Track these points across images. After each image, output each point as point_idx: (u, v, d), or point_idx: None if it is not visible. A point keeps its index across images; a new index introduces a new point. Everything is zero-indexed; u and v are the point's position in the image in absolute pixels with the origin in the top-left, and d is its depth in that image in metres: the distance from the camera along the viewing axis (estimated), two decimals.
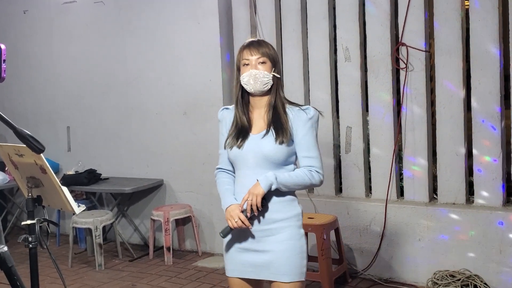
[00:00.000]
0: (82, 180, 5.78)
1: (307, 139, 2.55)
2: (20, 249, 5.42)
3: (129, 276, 5.12)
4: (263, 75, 2.54)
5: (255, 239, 2.56)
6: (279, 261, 2.52)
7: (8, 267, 2.27)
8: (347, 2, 4.81)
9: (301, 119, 2.55)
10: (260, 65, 2.55)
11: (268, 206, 2.54)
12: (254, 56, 2.56)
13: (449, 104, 4.46)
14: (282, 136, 2.51)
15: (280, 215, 2.55)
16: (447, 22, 4.40)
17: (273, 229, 2.54)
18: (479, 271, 4.25)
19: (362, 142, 4.87)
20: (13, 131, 2.04)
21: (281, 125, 2.53)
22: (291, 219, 2.57)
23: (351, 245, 4.84)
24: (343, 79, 4.91)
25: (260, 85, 2.55)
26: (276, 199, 2.55)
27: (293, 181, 2.51)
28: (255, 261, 2.57)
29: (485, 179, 4.35)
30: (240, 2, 5.34)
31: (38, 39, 6.65)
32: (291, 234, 2.55)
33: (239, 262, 2.61)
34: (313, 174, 2.54)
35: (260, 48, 2.57)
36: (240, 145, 2.58)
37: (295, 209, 2.60)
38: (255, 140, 2.56)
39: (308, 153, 2.55)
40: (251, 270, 2.59)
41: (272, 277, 2.55)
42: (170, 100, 5.77)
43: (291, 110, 2.58)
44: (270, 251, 2.54)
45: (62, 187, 2.89)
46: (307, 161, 2.55)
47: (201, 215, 5.69)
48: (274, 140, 2.52)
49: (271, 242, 2.54)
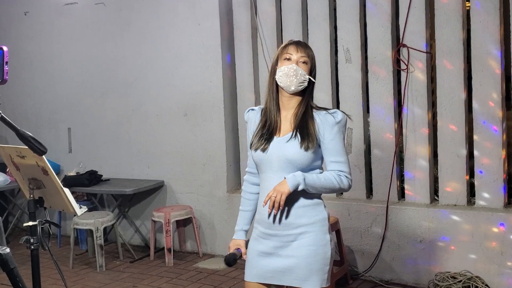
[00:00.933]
0: (83, 181, 5.78)
1: (334, 144, 2.50)
2: (21, 250, 5.42)
3: (130, 277, 5.12)
4: (303, 73, 2.51)
5: (279, 244, 2.52)
6: (301, 266, 2.48)
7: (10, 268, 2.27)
8: (348, 3, 4.81)
9: (328, 123, 2.50)
10: (302, 64, 2.53)
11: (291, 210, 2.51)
12: (299, 53, 2.53)
13: (450, 105, 4.46)
14: (308, 141, 2.46)
15: (304, 220, 2.50)
16: (448, 23, 4.40)
17: (297, 234, 2.50)
18: (480, 272, 4.25)
19: (363, 143, 4.87)
20: (15, 133, 2.04)
21: (307, 130, 2.48)
22: (315, 224, 2.51)
23: (352, 247, 4.84)
24: (344, 80, 4.92)
25: (297, 82, 2.50)
26: (301, 203, 2.50)
27: (321, 183, 2.47)
28: (277, 266, 2.53)
29: (486, 180, 4.35)
30: (241, 3, 5.35)
31: (39, 40, 6.66)
32: (315, 239, 2.49)
33: (260, 267, 2.57)
34: (342, 178, 2.51)
35: (306, 48, 2.56)
36: (265, 148, 2.53)
37: (321, 214, 2.55)
38: (279, 143, 2.51)
39: (336, 158, 2.51)
40: (272, 276, 2.55)
41: (294, 283, 2.51)
42: (171, 101, 5.77)
43: (318, 114, 2.53)
44: (292, 257, 2.49)
45: (64, 189, 2.89)
46: (335, 165, 2.51)
47: (202, 216, 5.69)
48: (299, 145, 2.47)
49: (294, 247, 2.49)
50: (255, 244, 2.60)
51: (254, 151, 2.56)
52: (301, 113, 2.52)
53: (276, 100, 2.58)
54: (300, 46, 2.55)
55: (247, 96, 5.36)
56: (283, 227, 2.51)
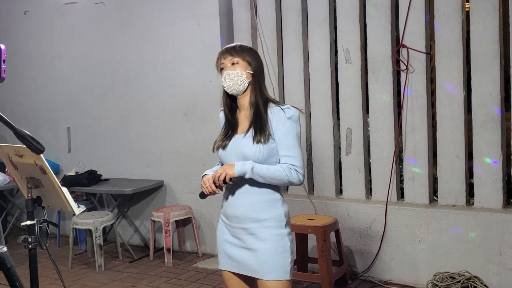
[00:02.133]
0: (83, 181, 5.78)
1: (285, 138, 2.58)
2: (19, 250, 5.42)
3: (129, 277, 5.12)
4: (236, 74, 2.61)
5: (239, 236, 2.64)
6: (261, 259, 2.58)
7: (8, 267, 2.26)
8: (347, 3, 4.81)
9: (280, 119, 2.58)
10: (232, 66, 2.63)
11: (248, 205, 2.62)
12: (226, 59, 2.64)
13: (449, 106, 4.46)
14: (260, 136, 2.57)
15: (260, 215, 2.60)
16: (448, 24, 4.40)
17: (254, 228, 2.60)
18: (479, 272, 4.24)
19: (362, 144, 4.87)
20: (12, 131, 2.03)
21: (260, 125, 2.59)
22: (272, 219, 2.60)
23: (351, 247, 4.84)
24: (344, 80, 4.91)
25: (235, 84, 2.62)
26: (256, 198, 2.61)
27: (270, 174, 2.55)
28: (241, 257, 2.65)
29: (485, 181, 4.35)
30: (241, 3, 5.34)
31: (38, 39, 6.66)
32: (272, 234, 2.59)
33: (227, 255, 2.70)
34: (292, 172, 2.56)
35: (231, 51, 2.65)
36: (224, 146, 2.67)
37: (277, 210, 2.63)
38: (237, 140, 2.65)
39: (287, 152, 2.58)
40: (237, 265, 2.67)
41: (256, 274, 2.61)
42: (171, 101, 5.77)
43: (271, 110, 2.62)
44: (252, 250, 2.60)
45: (62, 188, 2.89)
46: (286, 159, 2.58)
47: (201, 216, 5.69)
48: (251, 140, 2.58)
49: (253, 241, 2.60)
50: (221, 233, 2.74)
51: (217, 150, 2.72)
52: (254, 109, 2.63)
53: (229, 104, 2.72)
54: (226, 52, 2.66)
55: None
56: (241, 221, 2.62)
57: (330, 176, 5.02)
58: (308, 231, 4.49)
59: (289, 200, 5.08)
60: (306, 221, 4.55)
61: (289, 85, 5.18)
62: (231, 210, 2.66)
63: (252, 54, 2.68)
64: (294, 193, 5.17)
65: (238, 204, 2.63)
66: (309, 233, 4.51)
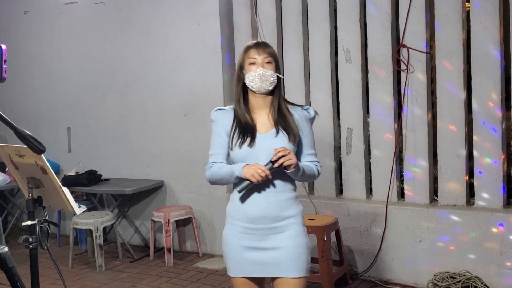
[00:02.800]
0: (83, 181, 5.78)
1: (310, 138, 2.69)
2: (20, 250, 5.41)
3: (130, 277, 5.12)
4: (270, 74, 2.60)
5: (265, 237, 2.59)
6: (289, 257, 2.58)
7: (9, 267, 2.26)
8: (348, 3, 4.81)
9: (305, 119, 2.68)
10: (267, 65, 2.61)
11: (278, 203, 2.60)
12: (261, 55, 2.61)
13: (449, 105, 4.46)
14: (294, 136, 2.60)
15: (287, 213, 2.61)
16: (448, 24, 4.40)
17: (282, 226, 2.59)
18: (479, 272, 4.24)
19: (362, 144, 4.87)
20: (13, 131, 2.03)
21: (289, 125, 2.61)
22: (297, 216, 2.64)
23: (352, 247, 4.84)
24: (344, 80, 4.91)
25: (267, 84, 2.59)
26: (284, 196, 2.61)
27: (309, 172, 2.63)
28: (264, 259, 2.59)
29: (486, 181, 4.35)
30: (241, 3, 5.34)
31: (38, 39, 6.66)
32: (298, 230, 2.62)
33: (246, 261, 2.62)
34: (318, 168, 2.70)
35: (266, 48, 2.64)
36: (251, 144, 2.59)
37: (298, 207, 2.69)
38: (265, 139, 2.60)
39: (312, 150, 2.70)
40: (259, 268, 2.61)
41: (281, 273, 2.59)
42: (171, 101, 5.77)
43: (295, 110, 2.68)
44: (279, 248, 2.58)
45: (63, 188, 2.89)
46: (312, 157, 2.69)
47: (202, 216, 5.69)
48: (287, 139, 2.59)
49: (280, 239, 2.59)
50: (236, 240, 2.64)
51: (239, 148, 2.62)
52: (278, 109, 2.65)
53: (244, 104, 2.66)
54: (260, 48, 2.63)
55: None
56: (270, 220, 2.59)
57: (331, 176, 5.02)
58: (309, 231, 4.42)
59: None
60: (307, 221, 4.53)
61: (289, 84, 5.18)
62: (257, 211, 2.58)
63: (276, 55, 2.70)
64: None
65: (266, 204, 2.58)
66: (310, 233, 4.43)
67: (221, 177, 2.72)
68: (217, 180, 2.77)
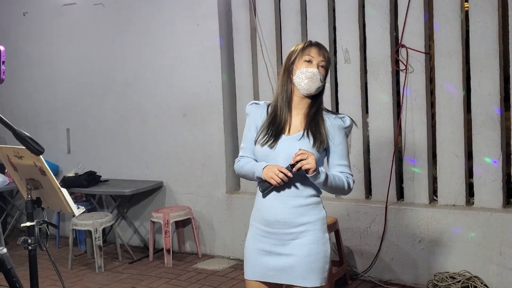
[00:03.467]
0: (82, 182, 5.78)
1: (342, 148, 2.56)
2: (19, 251, 5.41)
3: (129, 278, 5.11)
4: (321, 78, 2.54)
5: (280, 242, 2.53)
6: (302, 265, 2.49)
7: (7, 268, 2.26)
8: (346, 4, 4.81)
9: (338, 127, 2.56)
10: (321, 68, 2.55)
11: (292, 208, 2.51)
12: (320, 57, 2.55)
13: (449, 105, 4.46)
14: (320, 142, 2.50)
15: (305, 219, 2.52)
16: (447, 24, 4.40)
17: (298, 232, 2.51)
18: (479, 272, 4.24)
19: (362, 144, 4.87)
20: (12, 133, 2.03)
21: (319, 131, 2.52)
22: (316, 222, 2.54)
23: (351, 247, 4.84)
24: (343, 81, 4.91)
25: (314, 87, 2.53)
26: (302, 202, 2.52)
27: (336, 182, 2.51)
28: (278, 265, 2.53)
29: (485, 180, 4.35)
30: (240, 4, 5.34)
31: (37, 41, 6.66)
32: (316, 238, 2.52)
33: (260, 265, 2.57)
34: (350, 181, 2.57)
35: (325, 52, 2.58)
36: (273, 145, 2.53)
37: (320, 213, 2.58)
38: (289, 141, 2.52)
39: (344, 161, 2.57)
40: (273, 274, 2.55)
41: (294, 281, 2.52)
42: (170, 102, 5.77)
43: (328, 117, 2.57)
44: (293, 255, 2.50)
45: (62, 189, 2.89)
46: (343, 168, 2.56)
47: (201, 217, 5.69)
48: (311, 145, 2.49)
49: (295, 245, 2.51)
50: (254, 242, 2.60)
51: (261, 146, 2.56)
52: (313, 114, 2.55)
53: (288, 99, 2.59)
54: (321, 49, 2.56)
55: (246, 96, 5.35)
56: (284, 226, 2.51)
57: None
58: None
59: None
60: None
61: None
62: (272, 215, 2.52)
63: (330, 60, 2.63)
64: None
65: (282, 209, 2.51)
66: None
67: (245, 173, 2.64)
68: (242, 175, 2.69)
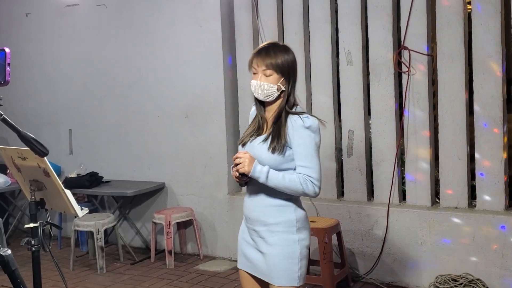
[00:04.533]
0: (84, 183, 5.78)
1: (303, 148, 2.50)
2: (21, 251, 5.41)
3: (131, 279, 5.12)
4: (266, 87, 2.54)
5: (253, 237, 2.64)
6: (270, 264, 2.56)
7: (12, 270, 2.27)
8: (349, 5, 4.81)
9: (298, 127, 2.51)
10: (265, 77, 2.54)
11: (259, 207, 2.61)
12: (260, 67, 2.55)
13: (451, 108, 4.46)
14: (276, 144, 2.51)
15: (270, 220, 2.57)
16: (450, 26, 4.40)
17: (263, 231, 2.58)
18: (481, 275, 4.24)
19: (364, 146, 4.87)
20: (17, 134, 2.04)
21: (278, 133, 2.53)
22: (281, 224, 2.55)
23: (353, 249, 4.84)
24: (345, 82, 4.92)
25: (263, 96, 2.57)
26: (267, 202, 2.58)
27: (285, 184, 2.48)
28: (254, 258, 2.64)
29: (488, 183, 4.35)
30: (242, 5, 5.35)
31: (40, 41, 6.66)
32: (281, 239, 2.55)
33: (244, 255, 2.70)
34: (308, 183, 2.49)
35: (266, 59, 2.53)
36: (244, 144, 2.65)
37: (288, 215, 2.57)
38: (254, 143, 2.61)
39: (303, 163, 2.51)
40: (251, 266, 2.66)
41: (264, 277, 2.60)
42: (172, 103, 5.77)
43: (290, 119, 2.54)
44: (263, 253, 2.59)
45: (65, 190, 2.89)
46: (303, 170, 2.51)
47: (203, 218, 5.69)
48: (267, 147, 2.53)
49: (263, 244, 2.59)
50: (242, 232, 2.74)
51: (239, 144, 2.70)
52: (275, 117, 2.59)
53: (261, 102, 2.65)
54: (260, 58, 2.55)
55: (248, 98, 5.35)
56: (256, 223, 2.61)
57: (332, 178, 5.02)
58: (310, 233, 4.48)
59: None
60: None
61: None
62: (246, 211, 2.67)
63: (287, 60, 2.55)
64: None
65: (252, 206, 2.62)
66: (311, 235, 4.49)
67: None
68: None
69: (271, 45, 2.59)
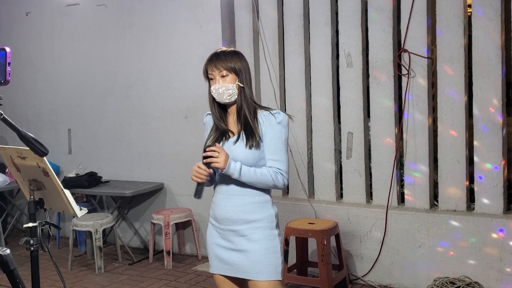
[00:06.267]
0: (83, 182, 5.77)
1: (274, 143, 2.62)
2: (20, 251, 5.41)
3: (129, 280, 5.12)
4: (226, 88, 2.64)
5: (229, 238, 2.66)
6: (253, 260, 2.60)
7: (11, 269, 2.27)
8: (349, 8, 4.82)
9: (270, 123, 2.62)
10: (222, 79, 2.65)
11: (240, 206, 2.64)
12: (215, 71, 2.66)
13: (450, 110, 4.46)
14: (252, 140, 2.61)
15: (252, 216, 2.62)
16: (450, 29, 4.41)
17: (245, 229, 2.62)
18: (479, 278, 4.24)
19: (363, 148, 4.88)
20: (16, 133, 2.04)
21: (251, 130, 2.62)
22: (263, 220, 2.63)
23: (351, 251, 4.84)
24: (345, 84, 4.92)
25: (225, 97, 2.66)
26: (248, 200, 2.63)
27: (257, 177, 2.58)
28: (232, 259, 2.66)
29: (486, 186, 4.35)
30: (243, 6, 5.35)
31: (40, 41, 6.66)
32: (264, 234, 2.62)
33: (218, 259, 2.72)
34: (278, 176, 2.61)
35: (219, 62, 2.65)
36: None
37: (268, 211, 2.66)
38: (227, 146, 2.66)
39: (274, 156, 2.62)
40: (228, 268, 2.68)
41: (248, 275, 2.63)
42: (171, 104, 5.77)
43: (261, 115, 2.66)
44: (244, 251, 2.62)
45: (64, 190, 2.89)
46: (273, 163, 2.62)
47: (201, 219, 5.69)
48: (244, 145, 2.61)
49: (245, 242, 2.62)
50: (210, 237, 2.78)
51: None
52: (243, 116, 2.66)
53: (218, 109, 2.74)
54: (213, 63, 2.67)
55: None
56: (233, 223, 2.64)
57: (331, 180, 5.02)
58: (309, 235, 4.49)
59: (289, 203, 5.10)
60: (307, 225, 4.55)
61: (290, 88, 5.18)
62: (222, 212, 2.68)
63: (239, 61, 2.67)
64: (294, 197, 5.18)
65: (229, 206, 2.66)
66: (309, 237, 4.51)
67: None
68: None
69: (220, 51, 2.72)
